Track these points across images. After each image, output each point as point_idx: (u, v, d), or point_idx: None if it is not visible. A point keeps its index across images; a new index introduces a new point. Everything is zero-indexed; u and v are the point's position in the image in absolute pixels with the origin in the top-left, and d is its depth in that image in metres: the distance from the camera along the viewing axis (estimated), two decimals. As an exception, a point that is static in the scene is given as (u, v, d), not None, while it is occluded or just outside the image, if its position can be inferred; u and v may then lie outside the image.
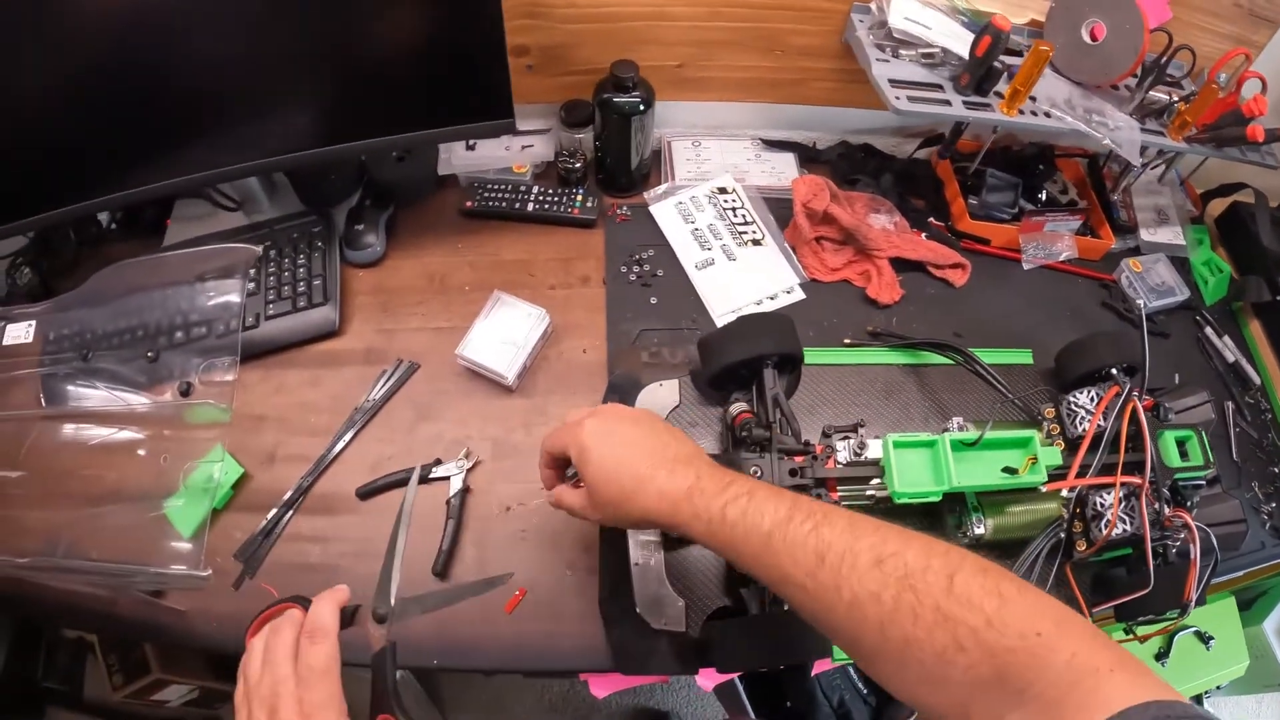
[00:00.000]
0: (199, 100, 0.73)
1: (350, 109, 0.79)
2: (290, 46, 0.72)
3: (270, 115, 0.78)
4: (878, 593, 0.40)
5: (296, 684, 0.44)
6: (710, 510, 0.47)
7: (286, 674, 0.44)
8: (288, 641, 0.46)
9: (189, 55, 0.69)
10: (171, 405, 0.79)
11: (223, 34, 0.68)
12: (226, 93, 0.74)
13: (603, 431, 0.53)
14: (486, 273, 0.87)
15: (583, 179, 0.91)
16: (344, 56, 0.75)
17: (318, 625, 0.46)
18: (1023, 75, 0.82)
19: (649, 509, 0.49)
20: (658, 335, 0.82)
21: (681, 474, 0.49)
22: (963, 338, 0.89)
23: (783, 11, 0.86)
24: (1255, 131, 0.90)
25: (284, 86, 0.77)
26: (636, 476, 0.50)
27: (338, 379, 0.82)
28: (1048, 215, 0.93)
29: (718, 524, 0.47)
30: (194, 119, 0.75)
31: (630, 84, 0.83)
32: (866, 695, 1.12)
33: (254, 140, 0.79)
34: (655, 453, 0.51)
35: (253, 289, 0.85)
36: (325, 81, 0.77)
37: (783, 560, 0.44)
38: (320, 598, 0.49)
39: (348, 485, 0.76)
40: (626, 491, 0.50)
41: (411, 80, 0.78)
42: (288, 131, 0.80)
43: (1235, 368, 1.01)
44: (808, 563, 0.43)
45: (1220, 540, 0.83)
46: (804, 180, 0.84)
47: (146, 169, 0.76)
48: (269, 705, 0.43)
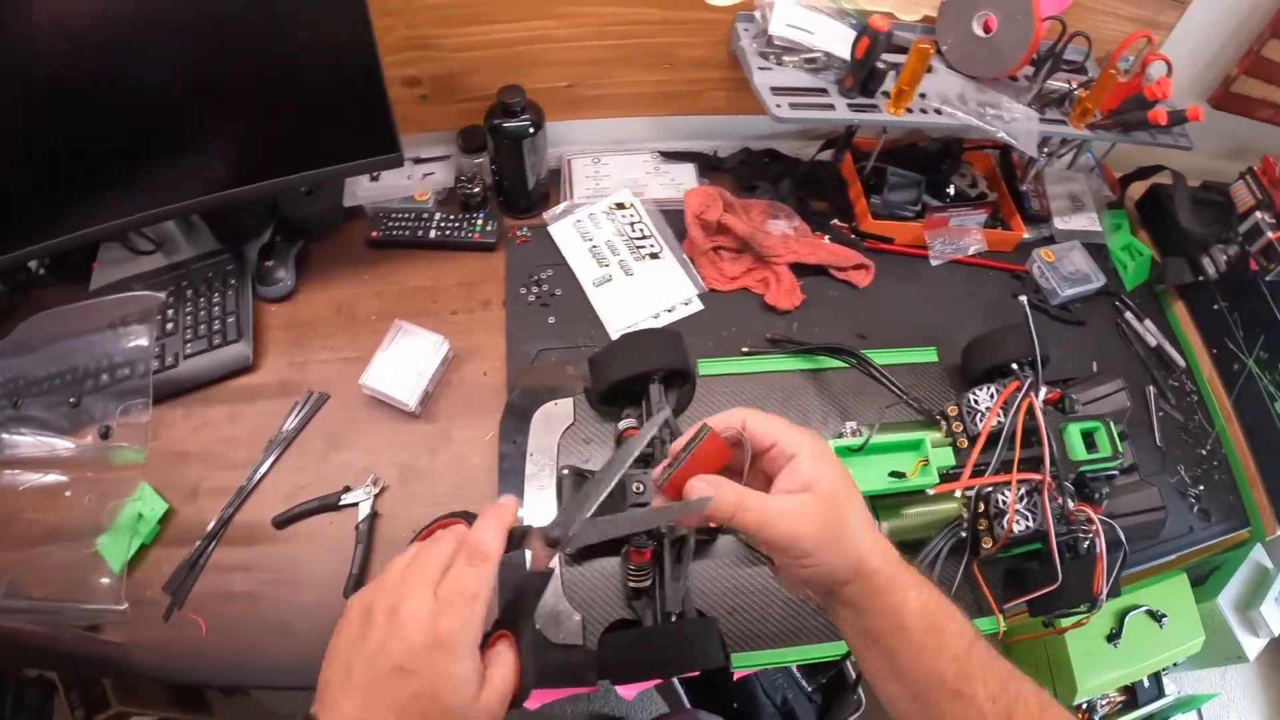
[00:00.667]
0: (116, 151, 0.76)
1: (246, 152, 0.82)
2: (190, 97, 0.75)
3: (174, 163, 0.81)
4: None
5: (435, 599, 0.38)
6: (932, 591, 0.44)
7: (427, 581, 0.39)
8: (443, 553, 0.41)
9: (108, 109, 0.72)
10: (93, 448, 0.83)
11: (134, 89, 0.71)
12: (137, 143, 0.77)
13: (834, 456, 0.46)
14: (392, 301, 0.89)
15: (483, 203, 0.92)
16: (236, 102, 0.78)
17: (480, 545, 0.41)
18: (906, 74, 0.82)
19: (869, 552, 0.43)
20: (555, 354, 0.84)
21: (890, 546, 0.45)
22: (867, 339, 0.90)
23: (668, 26, 0.86)
24: (1157, 115, 0.89)
25: (183, 135, 0.79)
26: (863, 518, 0.44)
27: (254, 412, 0.85)
28: (952, 210, 0.93)
29: (935, 604, 0.43)
30: (112, 169, 0.78)
31: (518, 108, 0.84)
32: (811, 692, 1.13)
33: (165, 186, 0.81)
34: (865, 507, 0.46)
35: (171, 329, 0.88)
36: (222, 127, 0.79)
37: (975, 677, 0.42)
38: (487, 515, 0.43)
39: (266, 515, 0.79)
40: (851, 528, 0.43)
41: (300, 123, 0.80)
42: (191, 178, 0.82)
43: (1158, 351, 1.01)
44: (994, 688, 0.42)
45: (1138, 529, 0.84)
46: (695, 192, 0.85)
47: (70, 218, 0.79)
48: (390, 604, 0.38)
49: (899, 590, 0.43)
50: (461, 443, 0.81)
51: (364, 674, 0.37)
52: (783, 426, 0.45)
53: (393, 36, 0.84)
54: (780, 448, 0.44)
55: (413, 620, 0.37)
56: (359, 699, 0.37)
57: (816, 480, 0.43)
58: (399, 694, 0.36)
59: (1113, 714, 1.31)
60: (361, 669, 0.37)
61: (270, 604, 0.75)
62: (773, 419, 0.45)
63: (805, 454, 0.43)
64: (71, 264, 0.97)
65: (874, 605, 0.43)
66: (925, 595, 0.43)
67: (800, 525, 0.42)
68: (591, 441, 0.78)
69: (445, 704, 0.37)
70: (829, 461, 0.44)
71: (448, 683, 0.37)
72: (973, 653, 0.42)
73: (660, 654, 0.65)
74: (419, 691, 0.36)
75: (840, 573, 0.43)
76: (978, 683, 0.41)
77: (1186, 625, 1.21)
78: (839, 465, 0.44)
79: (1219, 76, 1.03)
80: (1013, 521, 0.74)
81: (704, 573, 0.75)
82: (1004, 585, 0.80)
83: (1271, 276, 0.96)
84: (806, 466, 0.43)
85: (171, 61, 0.71)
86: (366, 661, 0.37)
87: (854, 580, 0.43)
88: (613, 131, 0.96)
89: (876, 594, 0.43)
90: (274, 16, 0.71)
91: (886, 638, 0.43)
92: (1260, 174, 0.97)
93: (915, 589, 0.43)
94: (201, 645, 0.72)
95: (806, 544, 0.42)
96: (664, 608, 0.66)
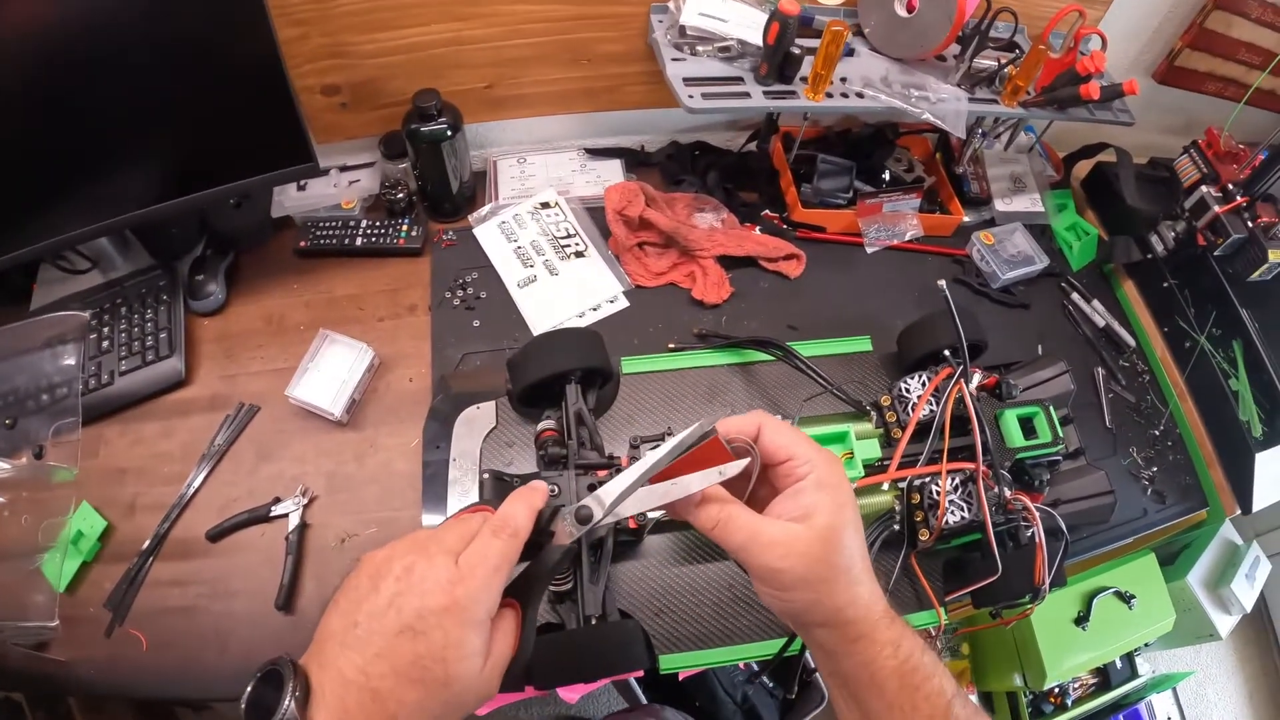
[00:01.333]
0: (40, 172, 0.76)
1: (166, 168, 0.82)
2: (108, 116, 0.75)
3: (100, 180, 0.81)
4: None
5: (455, 566, 0.37)
6: (912, 647, 0.41)
7: (449, 549, 0.38)
8: (468, 528, 0.40)
9: (27, 133, 0.72)
10: (28, 468, 0.84)
11: (50, 109, 0.72)
12: (59, 162, 0.77)
13: (853, 494, 0.43)
14: (320, 311, 0.89)
15: (408, 209, 0.92)
16: (152, 120, 0.78)
17: (508, 519, 0.40)
18: (821, 57, 0.80)
19: (850, 602, 0.40)
20: (480, 358, 0.84)
21: (880, 592, 0.42)
22: (799, 330, 0.89)
23: (582, 21, 0.85)
24: (1090, 90, 0.87)
25: (105, 153, 0.79)
26: (855, 560, 0.41)
27: (187, 427, 0.85)
28: (884, 196, 0.92)
29: (912, 664, 0.40)
30: (39, 189, 0.78)
31: (434, 111, 0.83)
32: (773, 689, 1.13)
33: (92, 204, 0.82)
34: (866, 554, 0.42)
35: (106, 346, 0.89)
36: (141, 145, 0.79)
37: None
38: (518, 493, 0.42)
39: (200, 529, 0.80)
40: (839, 571, 0.40)
41: (215, 136, 0.80)
42: (116, 195, 0.83)
43: (1107, 332, 0.99)
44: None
45: (1086, 515, 0.83)
46: (615, 188, 0.85)
47: (5, 239, 0.80)
48: (407, 565, 0.37)
49: (874, 646, 0.40)
50: (388, 450, 0.81)
51: (368, 629, 0.35)
52: (799, 442, 0.42)
53: (307, 45, 0.84)
54: (792, 465, 0.41)
55: (429, 582, 0.36)
56: (358, 654, 0.35)
57: (815, 511, 0.40)
58: (403, 654, 0.35)
59: (1085, 696, 1.30)
60: (367, 624, 0.35)
61: (207, 617, 0.76)
62: (790, 431, 0.42)
63: (812, 479, 0.41)
64: (11, 285, 0.98)
65: (847, 654, 0.41)
66: (903, 653, 0.41)
67: (786, 561, 0.39)
68: (514, 445, 0.78)
69: (450, 671, 0.35)
70: (836, 490, 0.41)
71: (457, 650, 0.35)
72: (949, 715, 0.40)
73: (583, 657, 0.65)
74: (424, 655, 0.35)
75: (815, 615, 0.41)
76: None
77: (1156, 605, 1.19)
78: (846, 494, 0.41)
79: (1163, 51, 1.00)
80: (945, 512, 0.73)
81: (631, 574, 0.75)
82: (945, 577, 0.79)
83: (1220, 251, 0.94)
84: (809, 494, 0.40)
85: (89, 82, 0.71)
86: (374, 617, 0.36)
87: (829, 626, 0.41)
88: (538, 130, 0.96)
89: (851, 644, 0.41)
90: (178, 32, 0.71)
91: (857, 689, 0.42)
92: (1204, 147, 0.95)
93: (892, 646, 0.40)
94: (143, 660, 0.73)
95: (787, 579, 0.39)
96: (585, 611, 0.66)
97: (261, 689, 0.35)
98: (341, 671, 0.35)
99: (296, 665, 0.35)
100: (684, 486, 0.41)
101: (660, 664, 0.72)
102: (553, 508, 0.43)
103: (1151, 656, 1.51)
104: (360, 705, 0.34)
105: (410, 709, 0.35)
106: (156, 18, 0.70)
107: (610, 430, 0.80)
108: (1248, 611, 1.26)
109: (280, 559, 0.77)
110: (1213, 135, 0.94)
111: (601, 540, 0.68)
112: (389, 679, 0.34)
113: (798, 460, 0.41)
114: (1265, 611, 1.63)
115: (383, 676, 0.34)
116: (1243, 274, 0.92)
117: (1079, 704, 1.29)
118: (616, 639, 0.65)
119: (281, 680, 0.34)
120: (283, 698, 0.33)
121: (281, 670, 0.35)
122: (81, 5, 0.67)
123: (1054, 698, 1.29)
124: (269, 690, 0.34)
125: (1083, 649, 1.17)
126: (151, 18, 0.70)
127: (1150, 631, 1.19)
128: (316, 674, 0.35)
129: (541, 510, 0.42)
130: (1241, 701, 1.60)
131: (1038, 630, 1.18)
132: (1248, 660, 1.63)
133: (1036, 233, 0.99)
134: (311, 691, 0.34)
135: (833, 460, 0.42)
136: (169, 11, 0.70)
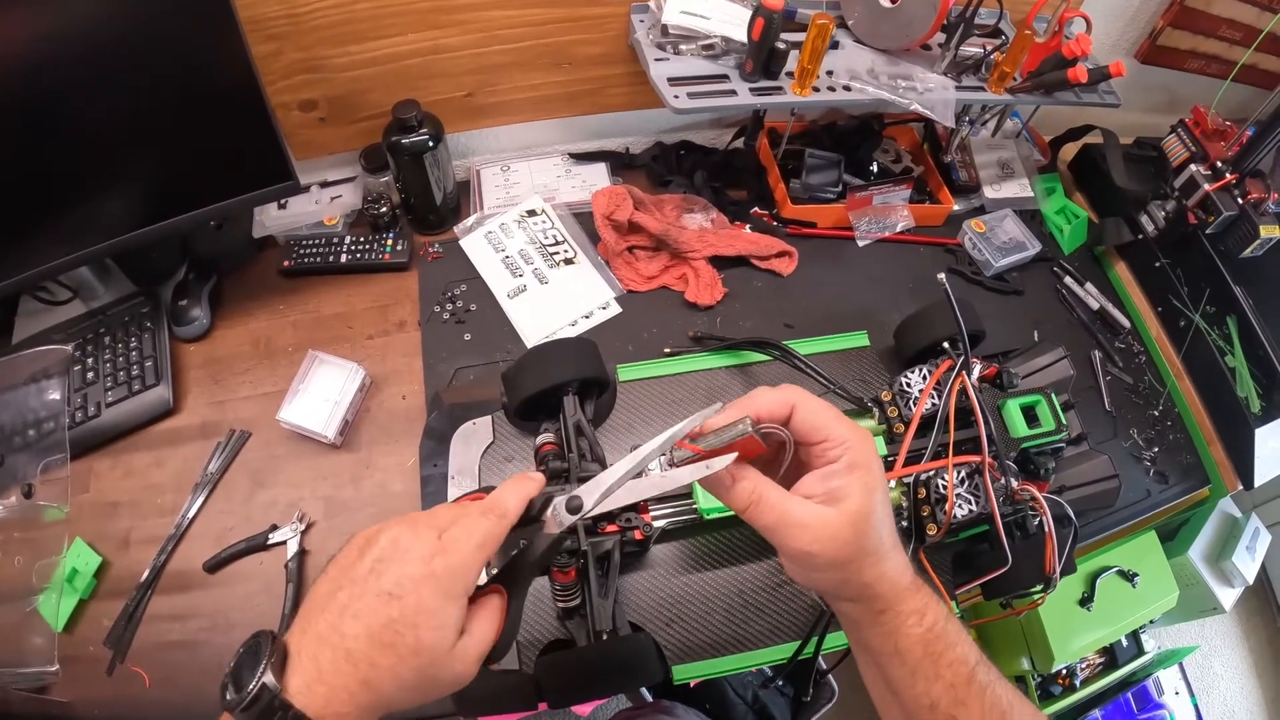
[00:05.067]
0: (15, 203, 0.74)
1: (144, 192, 0.80)
2: (82, 143, 0.73)
3: (77, 209, 0.79)
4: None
5: (439, 540, 0.37)
6: (936, 616, 0.42)
7: (436, 525, 0.38)
8: (461, 508, 0.40)
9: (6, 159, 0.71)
10: (18, 508, 0.82)
11: (22, 138, 0.70)
12: (34, 193, 0.75)
13: (882, 469, 0.42)
14: (308, 331, 0.88)
15: (392, 222, 0.91)
16: (127, 144, 0.76)
17: (497, 501, 0.40)
18: (807, 52, 0.79)
19: (878, 578, 0.41)
20: (473, 372, 0.82)
21: (908, 561, 0.43)
22: (794, 328, 0.88)
23: (562, 24, 0.84)
24: (1077, 73, 0.87)
25: (80, 181, 0.78)
26: (883, 539, 0.41)
27: (178, 456, 0.84)
28: (873, 188, 0.91)
29: (936, 633, 0.41)
30: (15, 221, 0.76)
31: (414, 122, 0.82)
32: (783, 686, 1.12)
33: (70, 233, 0.80)
34: (894, 523, 0.43)
35: (92, 378, 0.87)
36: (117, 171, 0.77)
37: (970, 705, 0.41)
38: (512, 479, 0.43)
39: (197, 560, 0.79)
40: (866, 553, 0.40)
41: (192, 158, 0.78)
42: (94, 222, 0.81)
43: (1102, 314, 0.99)
44: (992, 718, 0.41)
45: (1092, 500, 0.82)
46: (603, 192, 0.83)
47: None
48: (394, 536, 0.37)
49: (898, 616, 0.41)
50: (384, 471, 0.80)
51: (348, 594, 0.36)
52: (834, 420, 0.41)
53: (282, 61, 0.82)
54: (825, 446, 0.41)
55: (412, 552, 0.37)
56: (333, 616, 0.35)
57: (847, 495, 0.39)
58: (376, 616, 0.35)
59: (1094, 676, 1.31)
60: (347, 589, 0.36)
61: (209, 650, 0.75)
62: (824, 408, 0.41)
63: (845, 462, 0.40)
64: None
65: (872, 624, 0.42)
66: (928, 621, 0.41)
67: (816, 545, 0.39)
68: (513, 459, 0.77)
69: (420, 639, 0.35)
70: (868, 472, 0.40)
71: (430, 619, 0.36)
72: (971, 682, 0.41)
73: (597, 674, 0.64)
74: (396, 619, 0.35)
75: (843, 592, 0.42)
76: (974, 711, 0.40)
77: (1159, 582, 1.20)
78: (876, 475, 0.41)
79: (1145, 31, 1.00)
80: (953, 507, 0.72)
81: (639, 585, 0.74)
82: (955, 570, 0.78)
83: (1211, 229, 0.94)
84: (841, 477, 0.40)
85: (61, 108, 0.70)
86: (355, 582, 0.36)
87: (856, 600, 0.42)
88: (521, 137, 0.94)
89: (877, 615, 0.41)
90: (151, 53, 0.70)
91: (881, 657, 0.42)
92: (1192, 125, 0.95)
93: (917, 615, 0.41)
94: (145, 698, 0.71)
95: (817, 562, 0.40)
96: (595, 626, 0.65)
97: (240, 663, 0.35)
98: (319, 632, 0.35)
99: (274, 635, 0.36)
100: (673, 479, 0.41)
101: (674, 675, 0.71)
102: (545, 496, 0.43)
103: (1157, 633, 1.52)
104: (334, 665, 0.34)
105: (382, 673, 0.35)
106: (128, 39, 0.68)
107: (610, 440, 0.79)
108: (1250, 583, 1.27)
109: (280, 588, 0.76)
110: (1200, 113, 0.94)
111: (608, 553, 0.67)
112: (362, 640, 0.35)
113: (831, 442, 0.40)
114: (1267, 582, 1.64)
115: (356, 638, 0.35)
116: (1234, 251, 0.92)
117: (1087, 684, 1.30)
118: (629, 654, 0.64)
119: (259, 651, 0.35)
120: (259, 664, 0.34)
121: (260, 640, 0.35)
122: (50, 29, 0.65)
123: (1062, 679, 1.29)
124: (247, 663, 0.34)
125: (1088, 629, 1.18)
126: (123, 39, 0.68)
127: (1154, 608, 1.20)
128: (297, 639, 0.36)
129: (534, 499, 0.42)
130: (1247, 672, 1.62)
131: (1043, 613, 1.18)
132: (1252, 631, 1.64)
133: (1027, 218, 0.98)
134: (289, 657, 0.35)
135: (865, 439, 0.41)
136: (140, 32, 0.68)
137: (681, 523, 0.72)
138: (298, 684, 0.34)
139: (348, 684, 0.34)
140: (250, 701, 0.33)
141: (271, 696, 0.33)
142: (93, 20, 0.66)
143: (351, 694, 0.34)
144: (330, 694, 0.34)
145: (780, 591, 0.75)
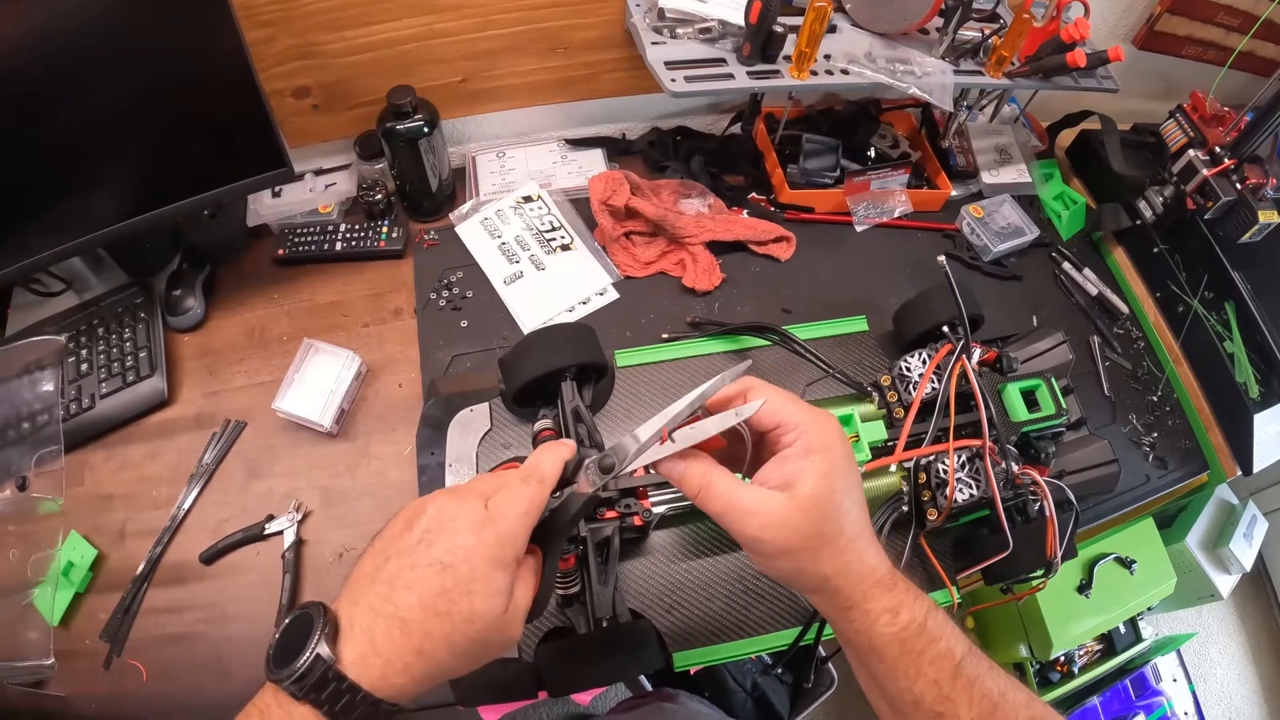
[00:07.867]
0: (10, 191, 0.73)
1: (136, 181, 0.79)
2: (75, 131, 0.72)
3: (69, 199, 0.78)
4: None
5: (485, 509, 0.38)
6: (914, 612, 0.40)
7: (481, 494, 0.39)
8: (500, 477, 0.41)
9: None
10: (12, 501, 0.81)
11: (21, 124, 0.69)
12: (25, 182, 0.74)
13: (849, 455, 0.41)
14: (303, 320, 0.87)
15: (387, 210, 0.90)
16: (120, 132, 0.75)
17: (536, 468, 0.41)
18: (805, 35, 0.79)
19: (839, 571, 0.39)
20: (470, 359, 0.82)
21: (882, 555, 0.41)
22: (793, 314, 0.87)
23: (557, 9, 0.83)
24: (1075, 57, 0.86)
25: (72, 170, 0.77)
26: (844, 529, 0.39)
27: (173, 448, 0.83)
28: (871, 173, 0.90)
29: (913, 631, 0.39)
30: (9, 210, 0.75)
31: (409, 108, 0.81)
32: (783, 674, 1.12)
33: (62, 223, 0.78)
34: (866, 515, 0.42)
35: (86, 369, 0.86)
36: (109, 159, 0.76)
37: (958, 701, 0.39)
38: (546, 446, 0.43)
39: (193, 552, 0.78)
40: (824, 541, 0.39)
41: (185, 146, 0.77)
42: (87, 212, 0.80)
43: (1100, 300, 0.99)
44: (981, 709, 0.40)
45: (1091, 485, 0.82)
46: (599, 178, 0.83)
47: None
48: (440, 505, 0.37)
49: (867, 615, 0.40)
50: (381, 459, 0.80)
51: (398, 564, 0.36)
52: (786, 406, 0.40)
53: (275, 47, 0.81)
54: (779, 432, 0.40)
55: (460, 519, 0.37)
56: (386, 586, 0.35)
57: (800, 479, 0.38)
58: (430, 585, 0.35)
59: (1092, 663, 1.31)
60: (397, 560, 0.36)
61: (205, 643, 0.74)
62: (778, 396, 0.41)
63: (799, 446, 0.39)
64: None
65: (842, 620, 0.41)
66: (902, 620, 0.40)
67: (765, 529, 0.38)
68: (510, 446, 0.77)
69: (475, 606, 0.35)
70: (824, 455, 0.39)
71: (484, 585, 0.36)
72: (957, 677, 0.40)
73: (597, 662, 0.64)
74: (450, 588, 0.35)
75: (803, 583, 0.41)
76: (961, 706, 0.39)
77: (1157, 569, 1.20)
78: (835, 460, 0.39)
79: (1143, 16, 0.99)
80: (954, 491, 0.72)
81: (639, 572, 0.74)
82: (956, 555, 0.78)
83: (1209, 214, 0.94)
84: (794, 462, 0.39)
85: (51, 96, 0.69)
86: (404, 553, 0.36)
87: (819, 593, 0.41)
88: (516, 123, 0.93)
89: (844, 611, 0.40)
90: (142, 40, 0.69)
91: (858, 653, 0.42)
92: (1190, 111, 0.94)
93: (889, 614, 0.39)
94: (143, 691, 0.71)
95: (767, 548, 0.39)
96: (595, 613, 0.65)
97: (288, 635, 0.34)
98: (370, 605, 0.35)
99: (325, 606, 0.35)
100: (702, 430, 0.40)
101: (674, 661, 0.71)
102: (578, 459, 0.44)
103: (1154, 620, 1.53)
104: (388, 635, 0.34)
105: (436, 642, 0.34)
106: (119, 25, 0.67)
107: (608, 426, 0.79)
108: (1247, 570, 1.27)
109: (277, 578, 0.75)
110: (1198, 99, 0.93)
111: (608, 540, 0.67)
112: (415, 609, 0.34)
113: (785, 427, 0.40)
114: (1264, 569, 1.65)
115: (410, 607, 0.34)
116: (1233, 236, 0.92)
117: (1085, 671, 1.30)
118: (629, 641, 0.64)
119: (310, 624, 0.34)
120: (312, 633, 0.33)
121: (311, 612, 0.34)
122: (40, 16, 0.64)
123: (1060, 666, 1.29)
124: (295, 635, 0.34)
125: (1086, 616, 1.18)
126: (114, 26, 0.67)
127: (1152, 595, 1.20)
128: (347, 611, 0.35)
129: (568, 461, 0.43)
130: (1244, 659, 1.62)
131: (1041, 600, 1.18)
132: (1249, 618, 1.65)
133: (1025, 203, 0.98)
134: (340, 629, 0.34)
135: (824, 423, 0.40)
136: (131, 18, 0.67)
137: (681, 508, 0.71)
138: (352, 655, 0.33)
139: (402, 654, 0.34)
140: (303, 673, 0.32)
141: (325, 668, 0.32)
142: (83, 7, 0.65)
143: (407, 664, 0.34)
144: (386, 666, 0.34)
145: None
